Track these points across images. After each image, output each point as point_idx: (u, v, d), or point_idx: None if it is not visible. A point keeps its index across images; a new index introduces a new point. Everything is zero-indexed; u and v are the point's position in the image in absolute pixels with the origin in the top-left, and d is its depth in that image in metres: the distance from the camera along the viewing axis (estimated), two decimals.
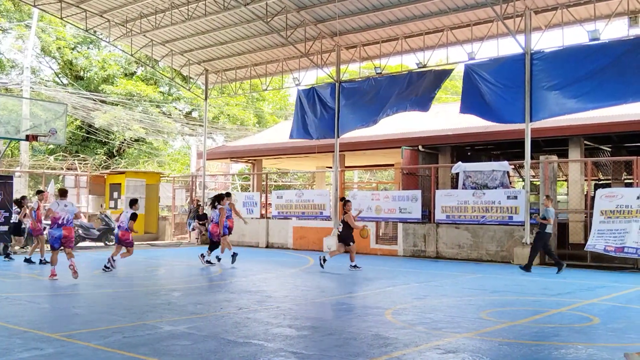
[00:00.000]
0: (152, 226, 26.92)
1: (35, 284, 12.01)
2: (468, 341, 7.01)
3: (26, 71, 32.31)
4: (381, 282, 12.71)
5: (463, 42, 19.16)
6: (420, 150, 22.29)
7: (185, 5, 20.73)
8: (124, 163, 37.20)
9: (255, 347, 6.61)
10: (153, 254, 18.46)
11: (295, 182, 42.58)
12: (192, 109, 45.00)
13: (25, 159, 30.59)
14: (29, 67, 32.96)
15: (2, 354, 6.15)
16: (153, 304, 9.58)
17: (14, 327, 7.49)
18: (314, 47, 21.46)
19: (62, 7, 21.82)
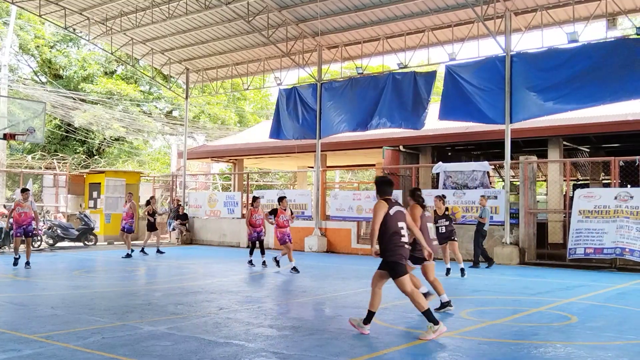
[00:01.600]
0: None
1: (13, 285, 11.86)
2: (448, 340, 7.05)
3: (4, 69, 31.87)
4: (362, 282, 12.72)
5: (444, 43, 19.28)
6: (402, 151, 22.37)
7: (166, 3, 20.61)
8: (104, 162, 36.89)
9: (236, 347, 6.59)
10: (133, 254, 18.30)
11: (276, 182, 42.51)
12: (173, 108, 44.74)
13: (2, 157, 30.21)
14: (6, 65, 32.52)
15: None
16: (133, 304, 9.50)
17: None
18: (295, 46, 21.45)
19: (41, 5, 21.58)
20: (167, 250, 21.23)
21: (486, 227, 15.78)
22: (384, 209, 7.10)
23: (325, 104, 21.16)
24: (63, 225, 22.26)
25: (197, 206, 25.47)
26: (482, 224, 15.67)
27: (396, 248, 7.11)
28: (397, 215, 7.18)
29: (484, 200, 15.92)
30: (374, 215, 7.15)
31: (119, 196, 25.26)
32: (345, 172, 43.34)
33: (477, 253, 15.66)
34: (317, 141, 21.44)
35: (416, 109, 18.94)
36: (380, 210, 7.10)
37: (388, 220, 7.08)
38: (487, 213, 15.74)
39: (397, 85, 19.38)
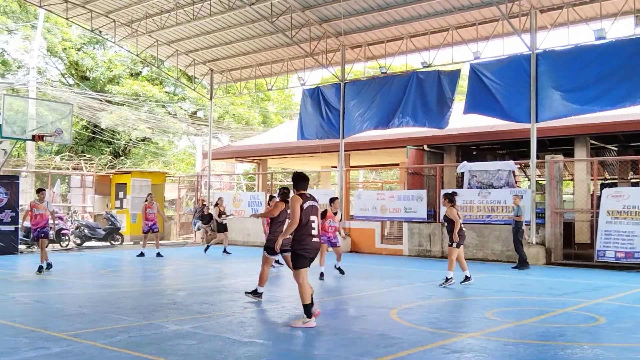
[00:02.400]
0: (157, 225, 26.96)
1: (41, 284, 12.05)
2: (473, 341, 7.00)
3: (32, 71, 32.43)
4: (386, 282, 12.71)
5: (468, 42, 19.14)
6: (426, 150, 22.26)
7: (190, 5, 20.76)
8: (130, 163, 37.29)
9: (261, 346, 6.62)
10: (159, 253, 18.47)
11: None
12: (198, 109, 45.07)
13: (31, 159, 30.71)
14: (35, 68, 33.08)
15: (9, 353, 6.17)
16: (159, 303, 9.60)
17: (20, 327, 7.52)
18: (318, 46, 21.47)
19: (68, 8, 21.89)
20: (191, 250, 21.40)
21: (522, 226, 15.58)
22: (299, 203, 7.51)
23: (349, 104, 21.14)
24: (90, 225, 22.56)
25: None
26: (519, 223, 15.45)
27: (306, 241, 7.58)
28: (309, 209, 7.61)
29: (518, 199, 15.65)
30: (291, 209, 7.57)
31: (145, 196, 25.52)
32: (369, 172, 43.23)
33: (521, 252, 15.40)
34: (340, 141, 21.43)
35: (440, 108, 18.82)
36: (296, 203, 7.52)
37: (301, 213, 7.50)
38: (522, 211, 15.52)
39: (421, 84, 19.28)
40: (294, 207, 7.54)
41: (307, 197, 7.70)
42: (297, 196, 7.66)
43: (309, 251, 7.67)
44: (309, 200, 7.68)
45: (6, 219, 18.13)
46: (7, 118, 18.66)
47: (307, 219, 7.59)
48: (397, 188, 29.49)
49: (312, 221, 7.64)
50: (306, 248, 7.64)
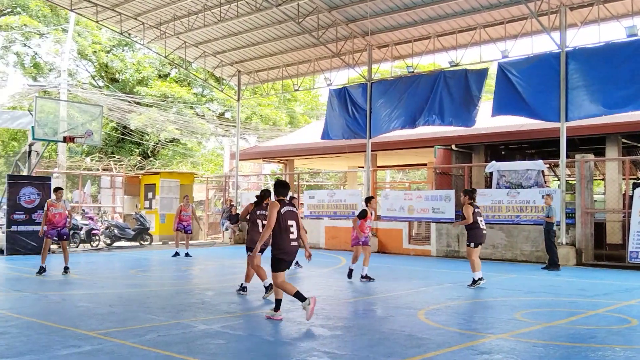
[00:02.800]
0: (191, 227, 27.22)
1: (73, 283, 12.24)
2: (502, 342, 6.94)
3: (63, 74, 32.97)
4: (414, 283, 12.65)
5: (496, 40, 18.96)
6: (454, 150, 22.12)
7: (217, 6, 20.92)
8: (159, 164, 37.70)
9: (289, 346, 6.64)
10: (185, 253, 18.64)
11: (327, 182, 42.61)
12: (225, 110, 45.39)
13: (62, 160, 31.22)
14: (66, 70, 33.63)
15: (42, 351, 6.29)
16: (187, 303, 9.69)
17: (53, 325, 7.66)
18: (345, 46, 21.46)
19: (98, 11, 22.22)
20: (219, 250, 21.55)
21: (554, 227, 15.41)
22: (277, 208, 7.81)
23: (376, 104, 21.10)
24: (120, 225, 22.86)
25: None
26: (550, 224, 15.24)
27: (284, 245, 7.85)
28: (287, 214, 7.93)
29: (549, 198, 15.44)
30: (268, 214, 7.86)
31: (174, 197, 25.78)
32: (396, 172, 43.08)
33: (554, 253, 15.20)
34: (367, 141, 21.39)
35: (467, 106, 18.68)
36: (274, 209, 7.82)
37: (279, 218, 7.80)
38: (554, 211, 15.33)
39: (448, 83, 19.16)
40: (271, 213, 7.83)
41: (285, 203, 8.00)
42: (275, 202, 7.98)
43: (287, 255, 7.95)
44: (286, 206, 7.98)
45: (38, 220, 18.43)
46: (39, 120, 19.00)
47: (285, 223, 7.88)
48: (424, 188, 29.34)
49: (290, 225, 7.93)
50: (285, 252, 7.90)
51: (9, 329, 7.43)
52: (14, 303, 9.66)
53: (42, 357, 6.07)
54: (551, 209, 15.25)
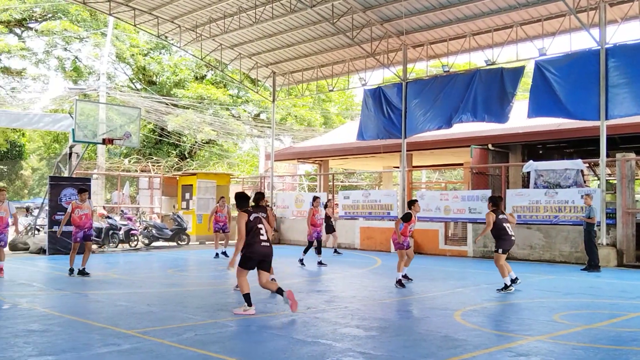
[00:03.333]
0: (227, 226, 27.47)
1: (112, 283, 12.47)
2: (540, 344, 6.84)
3: (102, 77, 33.61)
4: (450, 283, 12.55)
5: (533, 38, 18.69)
6: (490, 149, 21.86)
7: (252, 8, 21.07)
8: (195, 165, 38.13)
9: (324, 346, 6.66)
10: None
11: (362, 182, 42.55)
12: (261, 111, 45.70)
13: (102, 161, 31.82)
14: (105, 74, 34.28)
15: (83, 349, 6.43)
16: (223, 302, 9.79)
17: (93, 324, 7.82)
18: (380, 46, 21.41)
19: (136, 15, 22.60)
20: None
21: (595, 227, 15.13)
22: (244, 218, 8.62)
23: (411, 103, 20.98)
24: (158, 225, 23.20)
25: (284, 207, 25.90)
26: (591, 224, 14.92)
27: (254, 247, 8.61)
28: (255, 220, 8.74)
29: (589, 198, 15.13)
30: (237, 226, 8.58)
31: (210, 197, 26.04)
32: (432, 172, 42.77)
33: (594, 254, 14.91)
34: (402, 141, 21.29)
35: (500, 102, 18.45)
36: (241, 220, 8.62)
37: (248, 224, 8.62)
38: (594, 212, 15.01)
39: (483, 81, 18.97)
40: (239, 224, 8.58)
41: (250, 211, 8.77)
42: (241, 213, 8.70)
43: (256, 255, 8.67)
44: (253, 213, 8.78)
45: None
46: (80, 123, 19.39)
47: (254, 228, 8.67)
48: (461, 188, 29.08)
49: (259, 229, 8.71)
50: (253, 252, 8.64)
51: (52, 327, 7.62)
52: (56, 302, 9.89)
53: (82, 354, 6.20)
54: (591, 209, 14.94)
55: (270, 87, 27.57)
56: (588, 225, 14.93)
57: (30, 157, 48.87)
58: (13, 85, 41.33)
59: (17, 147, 43.68)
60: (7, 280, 12.32)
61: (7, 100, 36.77)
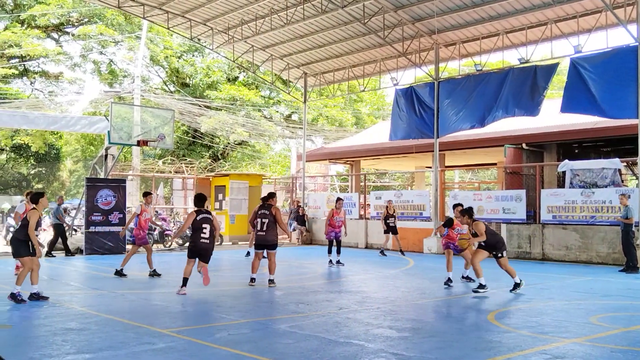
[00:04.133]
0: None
1: (148, 282, 12.64)
2: (577, 347, 6.72)
3: (137, 80, 34.11)
4: None
5: (568, 35, 18.37)
6: (524, 149, 21.56)
7: (284, 10, 21.15)
8: (228, 166, 38.44)
9: (356, 347, 6.65)
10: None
11: (393, 182, 42.37)
12: (292, 112, 45.85)
13: (136, 163, 32.29)
14: (139, 76, 34.78)
15: (119, 347, 6.54)
16: (256, 302, 9.85)
17: (129, 322, 7.94)
18: (411, 46, 21.29)
19: (169, 18, 22.88)
20: (287, 250, 21.75)
21: (634, 227, 14.77)
22: (193, 217, 10.46)
23: (443, 103, 20.81)
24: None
25: (316, 207, 25.93)
26: (628, 225, 14.58)
27: (196, 241, 10.46)
28: (202, 219, 10.47)
29: (625, 198, 14.84)
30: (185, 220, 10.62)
31: (243, 198, 26.22)
32: (465, 172, 42.38)
33: (633, 255, 14.61)
34: (435, 140, 21.13)
35: (531, 95, 18.18)
36: (190, 218, 10.53)
37: (194, 223, 10.40)
38: (632, 212, 14.64)
39: (516, 79, 18.72)
40: (187, 218, 10.62)
41: (202, 212, 10.55)
42: (193, 211, 10.62)
43: (197, 248, 10.44)
44: (202, 214, 10.52)
45: (114, 221, 19.16)
46: (115, 125, 19.70)
47: (200, 226, 10.40)
48: (494, 188, 28.75)
49: (204, 228, 10.41)
50: (195, 245, 10.44)
51: (89, 325, 7.76)
52: (93, 301, 10.07)
53: (119, 353, 6.31)
54: (629, 209, 14.62)
55: (302, 88, 27.64)
56: (625, 225, 14.63)
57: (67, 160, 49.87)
58: (51, 89, 42.25)
59: (54, 149, 44.61)
60: (45, 280, 12.59)
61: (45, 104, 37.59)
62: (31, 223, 9.45)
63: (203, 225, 10.43)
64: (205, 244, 10.48)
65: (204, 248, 10.52)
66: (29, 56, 37.11)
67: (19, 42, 35.62)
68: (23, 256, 9.56)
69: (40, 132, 36.76)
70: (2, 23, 39.70)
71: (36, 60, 38.74)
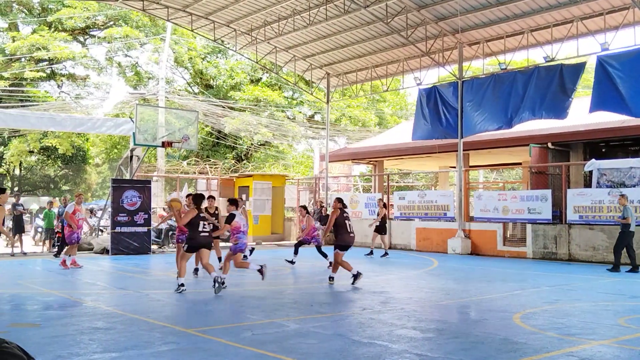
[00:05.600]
0: (278, 227, 27.76)
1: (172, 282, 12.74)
2: (605, 349, 6.62)
3: (161, 82, 34.39)
4: (509, 285, 12.30)
5: (595, 33, 18.12)
6: (550, 148, 21.31)
7: (306, 10, 21.18)
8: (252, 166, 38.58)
9: (380, 347, 6.63)
10: (279, 254, 19.01)
11: (417, 182, 42.16)
12: (315, 112, 45.86)
13: (161, 164, 32.57)
14: (163, 78, 35.07)
15: (144, 347, 6.60)
16: (280, 302, 9.87)
17: (154, 322, 8.02)
18: (435, 45, 21.17)
19: (193, 20, 23.05)
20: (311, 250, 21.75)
21: (632, 228, 14.71)
22: (193, 213, 10.93)
23: (467, 102, 20.66)
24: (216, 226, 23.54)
25: None
26: (627, 225, 14.59)
27: (196, 237, 10.92)
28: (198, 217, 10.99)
29: (624, 199, 14.81)
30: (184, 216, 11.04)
31: (266, 198, 26.30)
32: (489, 172, 42.02)
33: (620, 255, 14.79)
34: (459, 140, 20.99)
35: (559, 98, 17.95)
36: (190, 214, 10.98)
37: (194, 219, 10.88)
38: (629, 212, 14.65)
39: (542, 78, 18.50)
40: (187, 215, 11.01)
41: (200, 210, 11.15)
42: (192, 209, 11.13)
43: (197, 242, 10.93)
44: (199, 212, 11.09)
45: (140, 221, 19.35)
46: (140, 126, 19.90)
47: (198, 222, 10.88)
48: (519, 188, 28.47)
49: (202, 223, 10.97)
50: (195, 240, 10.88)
51: (115, 324, 7.85)
52: (119, 300, 10.19)
53: (144, 352, 6.37)
54: (627, 209, 14.55)
55: (325, 88, 27.66)
56: (624, 226, 14.60)
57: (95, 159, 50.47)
58: (77, 92, 42.82)
59: (81, 151, 45.22)
60: (72, 280, 12.76)
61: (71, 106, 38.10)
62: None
63: (200, 221, 11.02)
64: (205, 237, 11.06)
65: (205, 242, 11.10)
66: (56, 59, 37.68)
67: (46, 46, 36.15)
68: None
69: (67, 134, 37.30)
70: (30, 27, 40.37)
71: (63, 63, 39.31)
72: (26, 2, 38.92)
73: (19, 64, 37.06)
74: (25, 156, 40.79)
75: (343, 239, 12.12)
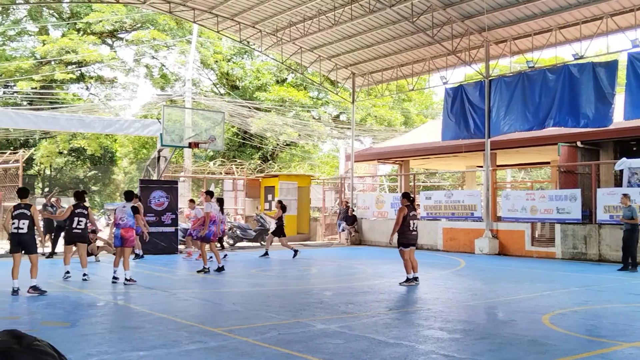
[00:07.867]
0: (303, 227, 27.80)
1: (200, 282, 12.84)
2: (636, 351, 6.50)
3: (188, 83, 34.68)
4: (538, 286, 12.14)
5: (625, 29, 17.80)
6: (579, 147, 20.98)
7: (332, 10, 21.17)
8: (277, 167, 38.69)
9: (406, 348, 6.60)
10: (305, 254, 19.05)
11: (444, 182, 41.88)
12: (340, 112, 45.84)
13: (188, 164, 32.84)
14: (190, 80, 35.36)
15: (172, 346, 6.66)
16: (306, 302, 9.88)
17: (181, 321, 8.08)
18: (461, 44, 21.01)
19: (218, 21, 23.20)
20: (336, 250, 21.74)
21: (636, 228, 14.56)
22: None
23: (494, 102, 20.44)
24: (242, 226, 23.70)
25: (365, 208, 25.86)
26: (635, 225, 14.43)
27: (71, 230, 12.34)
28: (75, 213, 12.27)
29: (626, 199, 14.64)
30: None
31: (292, 198, 26.36)
32: (517, 171, 41.55)
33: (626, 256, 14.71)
34: (485, 140, 20.78)
35: (600, 104, 17.59)
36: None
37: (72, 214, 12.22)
38: (636, 212, 14.51)
39: (574, 79, 18.20)
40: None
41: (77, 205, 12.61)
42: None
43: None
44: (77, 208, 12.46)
45: (167, 221, 19.53)
46: (167, 127, 20.09)
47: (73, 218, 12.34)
48: (548, 188, 28.10)
49: (78, 220, 12.44)
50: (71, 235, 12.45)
51: (143, 323, 7.93)
52: (147, 300, 10.29)
53: (172, 351, 6.42)
54: (632, 209, 14.36)
55: (350, 88, 27.63)
56: (632, 225, 14.45)
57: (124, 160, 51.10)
58: (106, 94, 43.40)
59: (109, 153, 45.83)
60: (101, 279, 12.94)
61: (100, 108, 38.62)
62: None
63: (75, 217, 12.40)
64: (78, 232, 12.56)
65: (77, 235, 12.56)
66: (85, 62, 38.24)
67: (75, 49, 36.73)
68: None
69: (95, 135, 37.81)
70: (59, 30, 41.03)
71: (92, 66, 39.87)
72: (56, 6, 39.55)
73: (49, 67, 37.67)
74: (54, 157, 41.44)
75: (405, 237, 12.05)
